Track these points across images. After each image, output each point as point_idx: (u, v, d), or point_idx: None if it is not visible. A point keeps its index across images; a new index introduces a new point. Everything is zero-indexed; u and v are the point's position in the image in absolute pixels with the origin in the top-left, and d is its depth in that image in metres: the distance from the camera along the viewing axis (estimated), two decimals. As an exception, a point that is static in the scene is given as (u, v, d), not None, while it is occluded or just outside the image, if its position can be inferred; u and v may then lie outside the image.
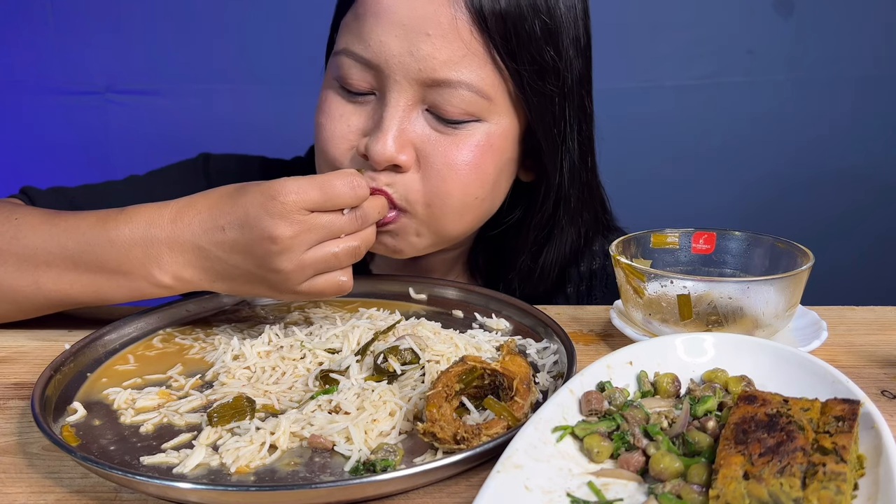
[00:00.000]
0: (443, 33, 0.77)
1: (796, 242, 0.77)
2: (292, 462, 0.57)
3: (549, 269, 0.96)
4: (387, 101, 0.80)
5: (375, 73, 0.80)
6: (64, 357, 0.70)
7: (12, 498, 0.54)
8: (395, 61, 0.79)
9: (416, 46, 0.78)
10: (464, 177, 0.82)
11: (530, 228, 0.94)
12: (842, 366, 0.71)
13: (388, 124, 0.80)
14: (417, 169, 0.82)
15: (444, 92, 0.79)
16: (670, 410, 0.58)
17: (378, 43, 0.79)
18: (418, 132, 0.81)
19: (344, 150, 0.84)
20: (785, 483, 0.46)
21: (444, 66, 0.78)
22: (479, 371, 0.63)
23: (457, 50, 0.78)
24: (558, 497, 0.50)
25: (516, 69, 0.80)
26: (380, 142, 0.79)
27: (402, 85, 0.79)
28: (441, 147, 0.81)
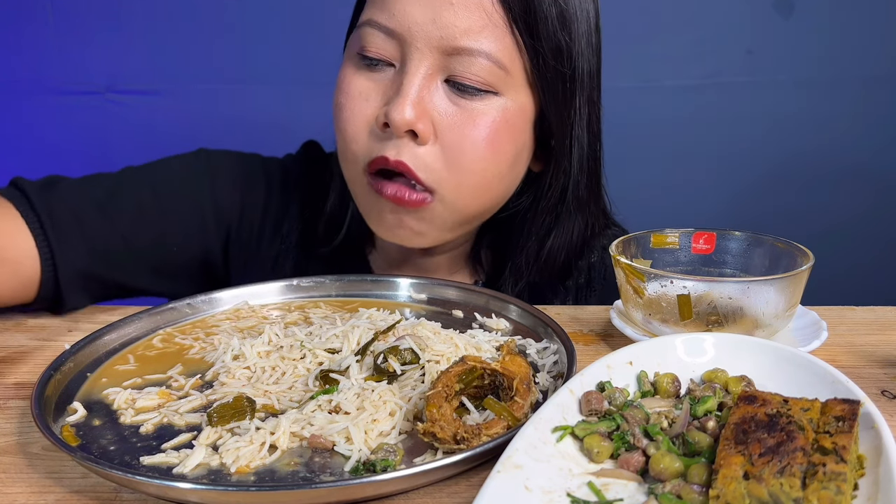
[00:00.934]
0: (465, 3, 0.80)
1: (796, 242, 0.77)
2: (292, 462, 0.57)
3: (555, 255, 0.97)
4: (407, 69, 0.82)
5: (398, 42, 0.83)
6: (64, 357, 0.70)
7: (12, 498, 0.54)
8: (417, 28, 0.81)
9: (438, 14, 0.80)
10: (482, 152, 0.84)
11: (538, 212, 0.95)
12: (842, 366, 0.71)
13: (407, 90, 0.82)
14: (435, 142, 0.84)
15: (463, 60, 0.82)
16: (670, 410, 0.58)
17: (402, 12, 0.81)
18: (436, 103, 0.83)
19: (362, 126, 0.85)
20: (785, 483, 0.46)
21: (465, 34, 0.81)
22: (479, 371, 0.63)
23: (478, 19, 0.81)
24: (558, 497, 0.50)
25: (532, 45, 0.83)
26: (398, 106, 0.81)
27: (423, 52, 0.82)
28: (459, 121, 0.84)
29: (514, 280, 0.98)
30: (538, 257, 0.97)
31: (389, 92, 0.84)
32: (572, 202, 0.95)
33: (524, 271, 0.98)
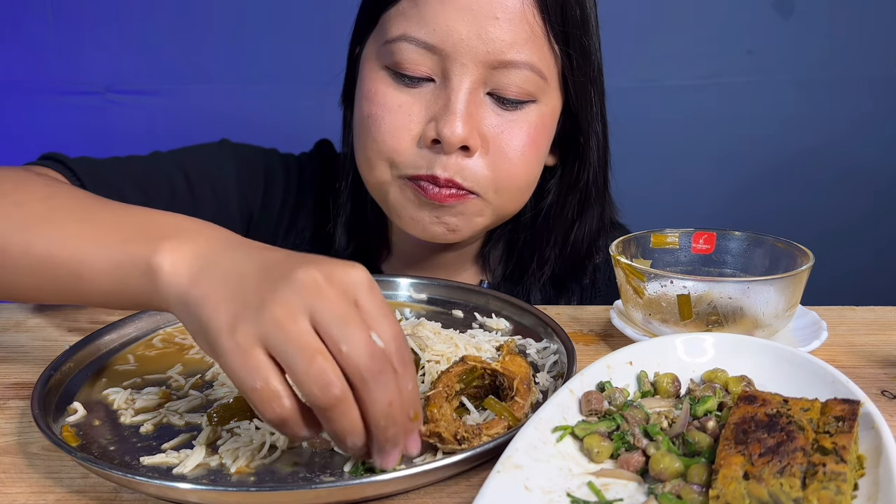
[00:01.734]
0: (510, 17, 0.81)
1: (796, 242, 0.77)
2: (292, 462, 0.57)
3: (580, 245, 1.00)
4: (452, 84, 0.82)
5: (439, 58, 0.82)
6: (64, 357, 0.70)
7: (12, 498, 0.54)
8: (462, 45, 0.81)
9: (484, 30, 0.80)
10: (526, 157, 0.87)
11: (566, 205, 0.98)
12: (842, 366, 0.71)
13: (457, 106, 0.81)
14: (483, 153, 0.85)
15: (507, 73, 0.82)
16: (670, 410, 0.58)
17: (445, 27, 0.80)
18: (482, 116, 0.84)
19: (407, 141, 0.85)
20: (785, 483, 0.46)
21: (511, 47, 0.81)
22: (480, 371, 0.63)
23: (522, 32, 0.81)
24: (558, 497, 0.50)
25: (566, 51, 0.85)
26: (450, 124, 0.81)
27: (468, 67, 0.81)
28: (504, 130, 0.85)
29: (540, 273, 1.00)
30: (564, 248, 0.99)
31: (433, 107, 0.84)
32: (594, 192, 0.97)
33: (548, 264, 1.00)
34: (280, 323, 0.47)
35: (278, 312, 0.48)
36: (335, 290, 0.49)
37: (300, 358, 0.47)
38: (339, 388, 0.47)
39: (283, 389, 0.48)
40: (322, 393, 0.47)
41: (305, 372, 0.47)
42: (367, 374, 0.48)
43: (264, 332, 0.48)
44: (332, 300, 0.49)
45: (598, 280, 1.04)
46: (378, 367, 0.48)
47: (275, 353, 0.48)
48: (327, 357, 0.47)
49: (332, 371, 0.47)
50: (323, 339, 0.48)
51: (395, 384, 0.49)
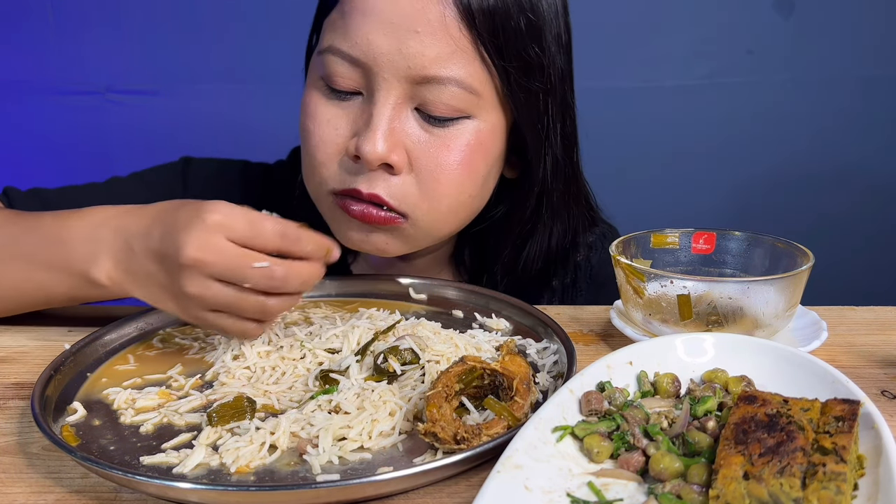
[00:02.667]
0: (432, 30, 0.77)
1: (796, 242, 0.77)
2: (292, 462, 0.57)
3: (532, 263, 0.96)
4: (375, 99, 0.80)
5: (363, 71, 0.80)
6: (64, 357, 0.70)
7: (12, 498, 0.54)
8: (383, 59, 0.78)
9: (404, 44, 0.77)
10: (457, 177, 0.83)
11: (514, 223, 0.94)
12: (842, 366, 0.71)
13: (378, 122, 0.79)
14: (409, 171, 0.82)
15: (433, 89, 0.79)
16: (670, 410, 0.58)
17: (366, 41, 0.78)
18: (408, 132, 0.81)
19: (332, 155, 0.83)
20: (785, 483, 0.46)
21: (434, 62, 0.78)
22: (479, 371, 0.63)
23: (445, 47, 0.78)
24: (558, 497, 0.50)
25: (503, 66, 0.81)
26: (370, 140, 0.78)
27: (390, 83, 0.79)
28: (432, 148, 0.81)
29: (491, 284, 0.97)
30: (515, 265, 0.96)
31: (359, 122, 0.81)
32: (546, 212, 0.93)
33: (499, 280, 0.97)
34: (201, 296, 0.66)
35: (193, 291, 0.66)
36: (210, 253, 0.65)
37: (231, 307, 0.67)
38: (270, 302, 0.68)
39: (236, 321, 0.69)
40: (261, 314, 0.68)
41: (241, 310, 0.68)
42: (273, 288, 0.67)
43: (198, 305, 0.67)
44: (215, 262, 0.65)
45: (578, 278, 1.02)
46: (277, 279, 0.66)
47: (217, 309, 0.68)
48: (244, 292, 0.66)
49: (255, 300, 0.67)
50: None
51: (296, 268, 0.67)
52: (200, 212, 0.66)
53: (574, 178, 0.94)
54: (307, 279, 0.68)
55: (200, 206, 0.67)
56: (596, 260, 1.03)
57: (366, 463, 0.57)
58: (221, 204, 0.67)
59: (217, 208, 0.66)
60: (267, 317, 0.70)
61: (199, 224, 0.65)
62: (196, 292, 0.66)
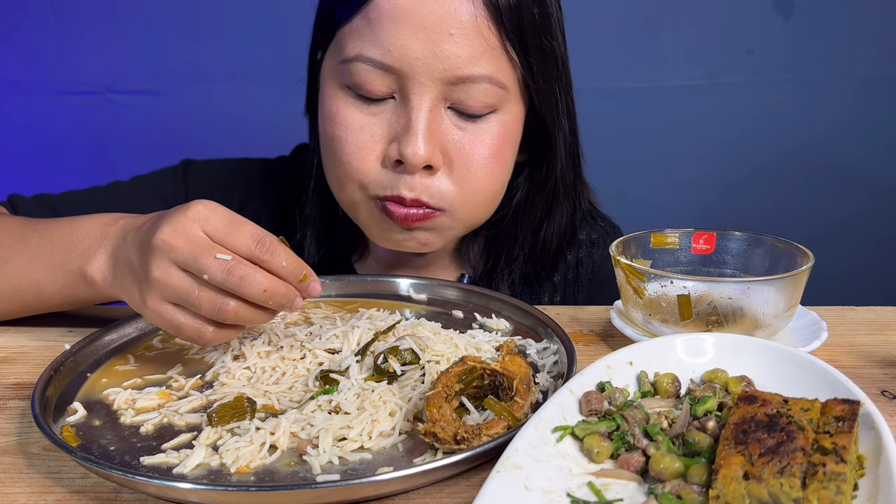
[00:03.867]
0: (465, 32, 0.79)
1: (796, 242, 0.77)
2: (292, 462, 0.57)
3: (549, 243, 0.99)
4: (412, 103, 0.81)
5: (396, 77, 0.81)
6: (64, 357, 0.70)
7: (12, 498, 0.54)
8: (419, 64, 0.80)
9: (439, 47, 0.79)
10: (491, 168, 0.87)
11: (534, 204, 0.97)
12: (842, 366, 0.71)
13: (418, 126, 0.81)
14: (447, 169, 0.85)
15: (466, 88, 0.82)
16: (670, 410, 0.58)
17: (400, 47, 0.79)
18: (444, 131, 0.84)
19: (372, 162, 0.85)
20: (785, 483, 0.46)
21: (467, 63, 0.80)
22: (479, 371, 0.63)
23: (478, 46, 0.80)
24: (558, 497, 0.50)
25: (526, 59, 0.84)
26: (412, 144, 0.81)
27: (426, 86, 0.81)
28: (466, 145, 0.85)
29: (509, 270, 0.99)
30: (534, 246, 0.99)
31: (395, 126, 0.83)
32: (562, 190, 0.97)
33: (518, 262, 0.99)
34: (162, 282, 0.64)
35: (157, 275, 0.64)
36: (180, 238, 0.63)
37: (188, 298, 0.63)
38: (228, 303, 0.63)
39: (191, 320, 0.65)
40: (217, 313, 0.63)
41: (197, 305, 0.63)
42: (230, 284, 0.62)
43: (158, 292, 0.64)
44: (181, 247, 0.63)
45: (580, 274, 1.04)
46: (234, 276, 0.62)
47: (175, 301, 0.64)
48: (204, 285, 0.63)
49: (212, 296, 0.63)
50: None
51: (261, 275, 0.62)
52: (188, 204, 0.66)
53: (577, 156, 0.98)
54: (273, 293, 0.63)
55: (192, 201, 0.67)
56: (598, 256, 1.05)
57: (366, 463, 0.57)
58: (210, 201, 0.67)
59: (203, 202, 0.66)
60: (223, 318, 0.63)
61: (181, 212, 0.65)
62: (158, 276, 0.63)
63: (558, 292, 1.03)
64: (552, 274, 1.02)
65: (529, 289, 1.02)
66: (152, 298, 0.65)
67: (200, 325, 0.65)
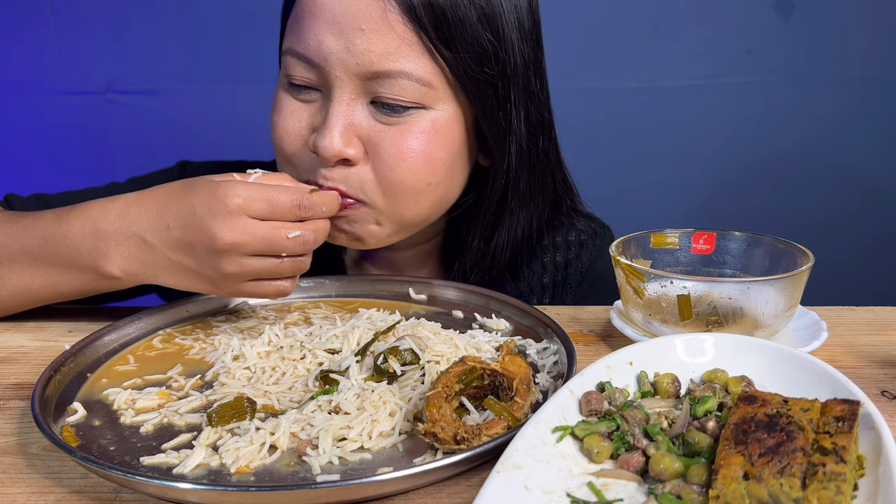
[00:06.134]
0: (376, 27, 0.79)
1: (796, 243, 0.77)
2: (292, 462, 0.57)
3: (500, 253, 0.96)
4: (331, 97, 0.83)
5: (317, 70, 0.83)
6: (64, 357, 0.70)
7: (12, 498, 0.54)
8: (333, 58, 0.81)
9: (351, 42, 0.80)
10: (412, 163, 0.84)
11: (482, 210, 0.95)
12: (842, 366, 0.71)
13: (333, 120, 0.82)
14: (367, 161, 0.84)
15: (384, 83, 0.81)
16: (670, 411, 0.58)
17: (316, 42, 0.81)
18: (364, 125, 0.83)
19: (298, 146, 0.86)
20: (785, 483, 0.46)
21: (381, 58, 0.80)
22: (479, 371, 0.63)
23: (391, 42, 0.80)
24: (558, 497, 0.50)
25: (452, 57, 0.82)
26: (326, 138, 0.82)
27: (342, 80, 0.82)
28: (387, 137, 0.83)
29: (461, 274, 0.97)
30: (484, 256, 0.97)
31: (317, 118, 0.85)
32: (513, 199, 0.93)
33: (469, 272, 0.97)
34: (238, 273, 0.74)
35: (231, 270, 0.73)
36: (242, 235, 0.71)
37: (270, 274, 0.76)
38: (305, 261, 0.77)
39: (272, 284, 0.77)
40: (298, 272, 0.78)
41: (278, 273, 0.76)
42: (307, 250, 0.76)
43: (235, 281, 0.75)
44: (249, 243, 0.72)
45: (569, 275, 1.02)
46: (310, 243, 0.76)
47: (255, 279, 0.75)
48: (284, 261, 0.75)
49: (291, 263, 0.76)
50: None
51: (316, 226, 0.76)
52: (218, 196, 0.72)
53: (542, 167, 0.94)
54: (326, 230, 0.78)
55: (214, 189, 0.72)
56: (587, 257, 1.02)
57: (366, 463, 0.57)
58: (235, 185, 0.73)
59: (235, 191, 0.72)
60: (302, 269, 0.77)
61: (223, 209, 0.71)
62: (235, 271, 0.73)
63: (547, 294, 1.02)
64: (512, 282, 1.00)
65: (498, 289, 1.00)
66: (229, 287, 0.75)
67: (281, 284, 0.77)
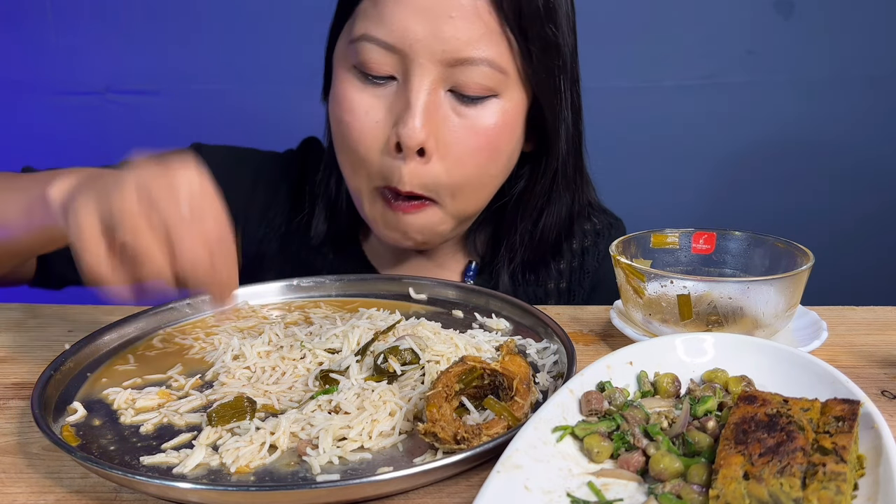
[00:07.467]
0: (465, 14, 0.82)
1: (796, 242, 0.77)
2: (292, 462, 0.57)
3: (548, 233, 1.00)
4: (412, 84, 0.83)
5: (399, 56, 0.83)
6: (64, 357, 0.70)
7: (12, 498, 0.54)
8: (419, 45, 0.82)
9: (439, 28, 0.81)
10: (481, 160, 0.88)
11: (533, 195, 0.98)
12: (842, 366, 0.70)
13: (417, 107, 0.83)
14: (439, 157, 0.86)
15: (465, 70, 0.83)
16: (670, 410, 0.58)
17: (402, 27, 0.82)
18: (441, 114, 0.85)
19: (373, 148, 0.87)
20: (785, 483, 0.46)
21: (467, 45, 0.82)
22: (479, 371, 0.63)
23: (477, 29, 0.82)
24: (558, 497, 0.50)
25: (526, 45, 0.85)
26: (409, 124, 0.83)
27: (426, 67, 0.83)
28: (462, 131, 0.86)
29: (508, 258, 1.01)
30: (532, 236, 1.00)
31: (396, 108, 0.85)
32: (562, 182, 0.98)
33: (518, 250, 1.01)
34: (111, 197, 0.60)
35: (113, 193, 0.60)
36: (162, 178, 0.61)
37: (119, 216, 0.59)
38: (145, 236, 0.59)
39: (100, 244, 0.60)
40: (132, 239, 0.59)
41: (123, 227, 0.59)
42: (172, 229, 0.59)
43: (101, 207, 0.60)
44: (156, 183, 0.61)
45: (586, 262, 1.05)
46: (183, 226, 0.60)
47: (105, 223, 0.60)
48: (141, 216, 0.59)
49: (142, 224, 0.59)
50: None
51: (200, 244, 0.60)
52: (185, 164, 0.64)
53: (579, 149, 0.99)
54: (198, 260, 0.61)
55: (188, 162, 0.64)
56: (603, 246, 1.06)
57: (366, 463, 0.57)
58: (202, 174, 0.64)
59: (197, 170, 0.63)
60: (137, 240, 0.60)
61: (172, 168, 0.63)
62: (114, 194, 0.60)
63: (564, 279, 1.05)
64: (554, 261, 1.04)
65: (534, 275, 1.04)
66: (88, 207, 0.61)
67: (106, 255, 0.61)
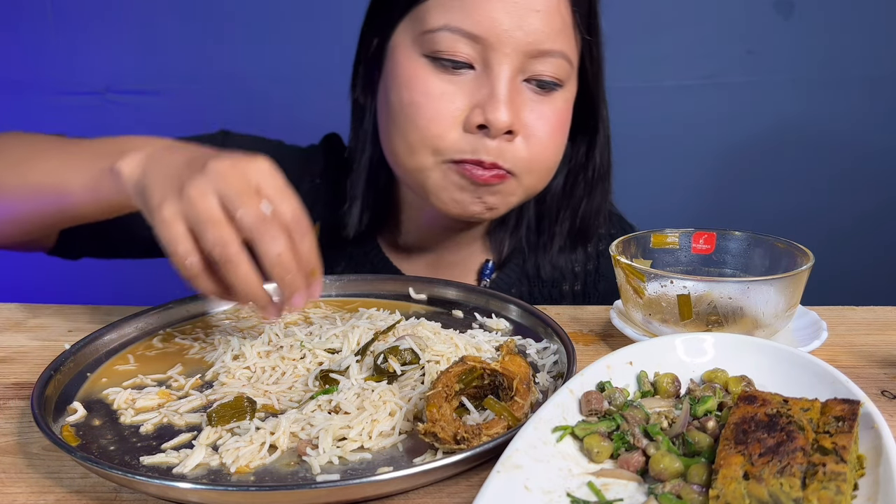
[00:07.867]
0: (549, 9, 0.87)
1: (796, 242, 0.77)
2: (292, 462, 0.57)
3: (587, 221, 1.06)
4: (495, 73, 0.87)
5: (482, 47, 0.87)
6: (64, 357, 0.70)
7: (12, 498, 0.54)
8: (506, 35, 0.86)
9: (525, 21, 0.86)
10: (556, 140, 0.93)
11: (576, 183, 1.04)
12: (842, 366, 0.70)
13: (502, 94, 0.86)
14: (523, 136, 0.90)
15: (543, 61, 0.88)
16: (670, 410, 0.58)
17: (489, 19, 0.85)
18: (521, 100, 0.89)
19: (449, 127, 0.89)
20: (785, 483, 0.46)
21: (549, 38, 0.88)
22: (479, 371, 0.63)
23: (557, 23, 0.88)
24: (558, 497, 0.50)
25: (588, 39, 0.94)
26: (497, 110, 0.86)
27: (510, 56, 0.87)
28: (539, 115, 0.90)
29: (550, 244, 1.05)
30: (573, 222, 1.05)
31: (476, 94, 0.88)
32: (602, 171, 1.04)
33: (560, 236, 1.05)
34: (193, 200, 0.62)
35: (192, 192, 0.62)
36: (237, 175, 0.63)
37: (205, 226, 0.62)
38: (232, 246, 0.62)
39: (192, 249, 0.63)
40: (222, 247, 0.62)
41: (206, 231, 0.62)
42: (256, 231, 0.62)
43: (183, 209, 0.63)
44: (233, 182, 0.62)
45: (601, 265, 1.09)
46: (265, 227, 0.62)
47: (191, 225, 0.62)
48: (225, 224, 0.62)
49: (228, 234, 0.62)
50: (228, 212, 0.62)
51: (284, 240, 0.63)
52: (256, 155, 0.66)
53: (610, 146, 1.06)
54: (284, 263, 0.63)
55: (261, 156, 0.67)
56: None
57: (366, 463, 0.57)
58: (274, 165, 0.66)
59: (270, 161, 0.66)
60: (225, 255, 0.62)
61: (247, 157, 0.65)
62: (193, 194, 0.62)
63: (579, 281, 1.08)
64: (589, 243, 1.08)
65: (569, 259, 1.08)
66: (171, 209, 0.63)
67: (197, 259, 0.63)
